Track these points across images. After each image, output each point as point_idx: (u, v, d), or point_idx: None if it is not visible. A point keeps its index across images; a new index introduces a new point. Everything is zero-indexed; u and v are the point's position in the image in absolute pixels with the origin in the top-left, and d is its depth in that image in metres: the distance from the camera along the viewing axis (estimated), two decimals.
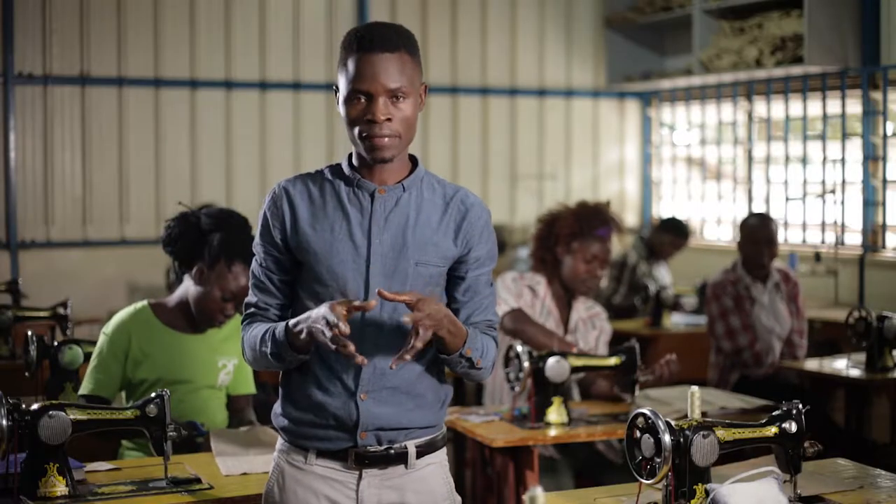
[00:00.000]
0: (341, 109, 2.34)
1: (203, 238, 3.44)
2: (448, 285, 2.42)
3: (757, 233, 5.34)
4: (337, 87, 2.37)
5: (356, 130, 2.30)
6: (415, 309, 2.20)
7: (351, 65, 2.29)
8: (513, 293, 4.17)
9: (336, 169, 2.41)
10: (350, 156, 2.40)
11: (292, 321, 2.30)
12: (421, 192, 2.38)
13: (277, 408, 2.44)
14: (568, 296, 4.26)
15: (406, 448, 2.37)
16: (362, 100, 2.29)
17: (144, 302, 3.54)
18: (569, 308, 4.27)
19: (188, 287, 3.50)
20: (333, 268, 2.32)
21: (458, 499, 2.50)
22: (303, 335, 2.26)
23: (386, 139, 2.29)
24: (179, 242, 3.47)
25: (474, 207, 2.41)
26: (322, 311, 2.22)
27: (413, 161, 2.42)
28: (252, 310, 2.43)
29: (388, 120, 2.29)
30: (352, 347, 2.19)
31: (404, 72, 2.30)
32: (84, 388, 3.44)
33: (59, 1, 7.15)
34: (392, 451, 2.36)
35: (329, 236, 2.33)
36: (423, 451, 2.40)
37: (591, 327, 4.30)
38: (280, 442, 2.45)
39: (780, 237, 5.54)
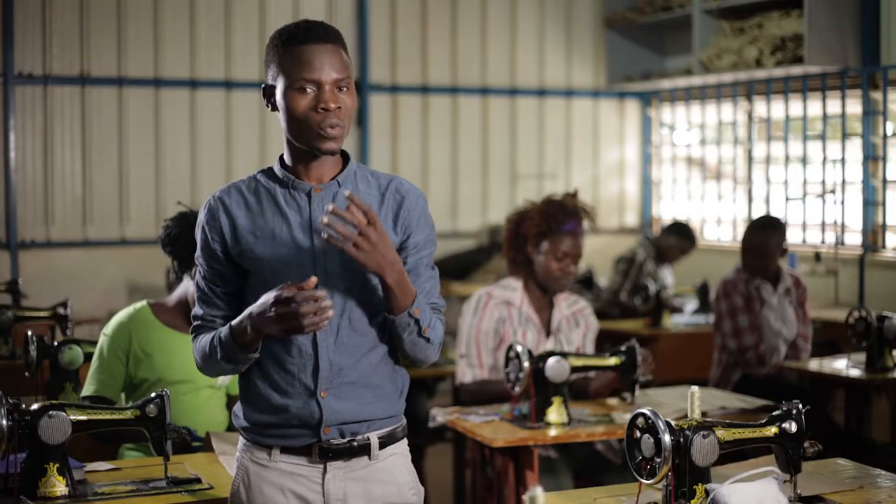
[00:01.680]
0: (281, 103, 2.32)
1: None
2: None
3: (749, 241, 5.34)
4: (268, 86, 2.36)
5: (308, 121, 2.30)
6: (362, 234, 2.21)
7: (295, 57, 2.29)
8: (472, 339, 4.11)
9: (269, 172, 2.41)
10: (281, 157, 2.41)
11: (235, 321, 2.32)
12: (356, 186, 2.40)
13: (238, 410, 2.45)
14: (548, 295, 4.21)
15: (368, 440, 2.39)
16: (309, 90, 2.29)
17: (144, 302, 3.54)
18: (550, 308, 4.23)
19: (187, 287, 3.50)
20: (280, 272, 2.32)
21: (422, 489, 2.52)
22: (248, 330, 2.28)
23: (337, 129, 2.30)
24: (179, 242, 3.47)
25: (410, 194, 2.42)
26: (269, 297, 2.22)
27: (344, 156, 2.42)
28: (199, 322, 2.44)
29: (339, 108, 2.31)
30: (324, 297, 2.19)
31: (344, 64, 2.34)
32: (87, 390, 3.44)
33: (59, 1, 7.15)
34: (355, 444, 2.38)
35: (272, 242, 2.34)
36: (385, 442, 2.42)
37: (575, 325, 4.25)
38: (241, 441, 2.46)
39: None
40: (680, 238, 7.05)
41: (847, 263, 6.92)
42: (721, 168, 8.31)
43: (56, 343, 3.76)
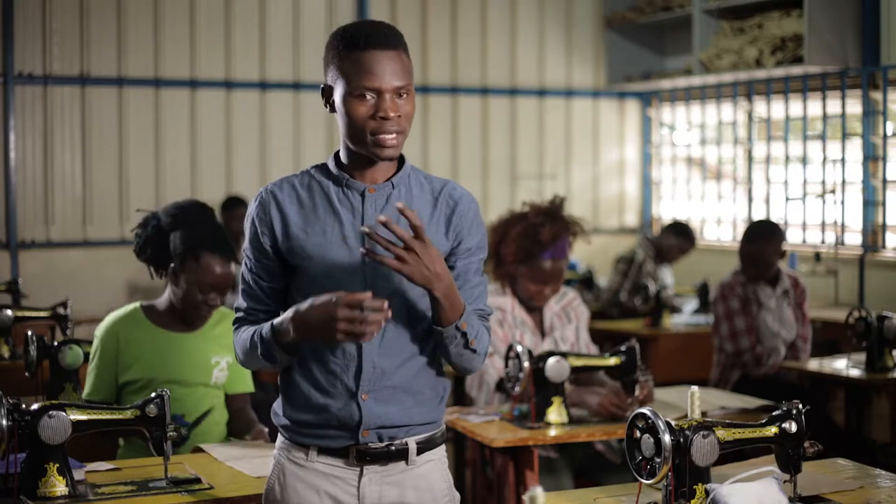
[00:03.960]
0: (340, 108, 2.31)
1: (167, 239, 3.45)
2: None
3: (746, 250, 5.35)
4: (327, 87, 2.35)
5: (366, 129, 2.28)
6: (407, 247, 2.19)
7: (355, 63, 2.27)
8: (492, 335, 4.10)
9: (323, 169, 2.40)
10: (336, 154, 2.40)
11: (277, 320, 2.30)
12: (410, 189, 2.39)
13: (277, 407, 2.44)
14: None
15: (407, 444, 2.38)
16: (369, 97, 2.28)
17: (136, 304, 3.56)
18: (540, 307, 4.24)
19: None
20: (329, 271, 2.31)
21: (457, 495, 2.51)
22: (291, 332, 2.26)
23: (395, 136, 2.30)
24: (148, 249, 3.49)
25: (463, 200, 2.41)
26: (326, 299, 2.19)
27: (399, 157, 2.41)
28: (241, 314, 2.43)
29: (398, 116, 2.29)
30: (385, 305, 2.17)
31: (406, 69, 2.31)
32: (85, 391, 3.48)
33: (59, 1, 7.15)
34: (393, 448, 2.37)
35: (322, 239, 2.32)
36: (423, 448, 2.41)
37: (567, 320, 4.23)
38: (280, 440, 2.45)
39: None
40: (680, 238, 7.05)
41: (847, 263, 6.92)
42: (721, 168, 8.31)
43: (56, 343, 3.77)
